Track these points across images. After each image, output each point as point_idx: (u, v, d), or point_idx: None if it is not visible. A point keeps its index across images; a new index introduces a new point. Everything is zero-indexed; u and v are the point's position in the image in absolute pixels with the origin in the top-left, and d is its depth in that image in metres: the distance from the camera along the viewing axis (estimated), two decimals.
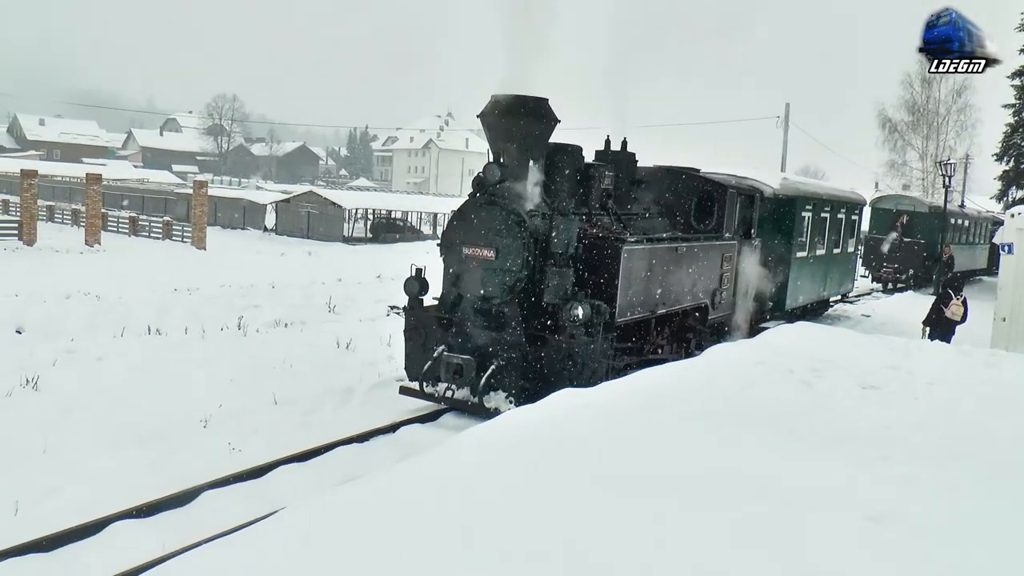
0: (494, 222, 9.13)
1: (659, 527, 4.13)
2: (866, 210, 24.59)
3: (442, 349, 9.25)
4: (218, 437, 8.03)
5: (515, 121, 9.15)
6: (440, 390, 9.12)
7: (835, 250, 18.36)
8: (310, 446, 7.86)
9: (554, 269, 8.94)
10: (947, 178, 27.55)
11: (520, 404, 7.82)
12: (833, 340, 10.20)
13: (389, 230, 45.72)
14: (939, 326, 12.90)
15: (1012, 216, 14.15)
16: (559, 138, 9.96)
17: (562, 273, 8.91)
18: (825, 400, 7.17)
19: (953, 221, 30.69)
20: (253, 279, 21.35)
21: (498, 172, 9.00)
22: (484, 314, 9.20)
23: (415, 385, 9.34)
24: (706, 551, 3.92)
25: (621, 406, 6.44)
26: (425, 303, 10.08)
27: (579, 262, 9.28)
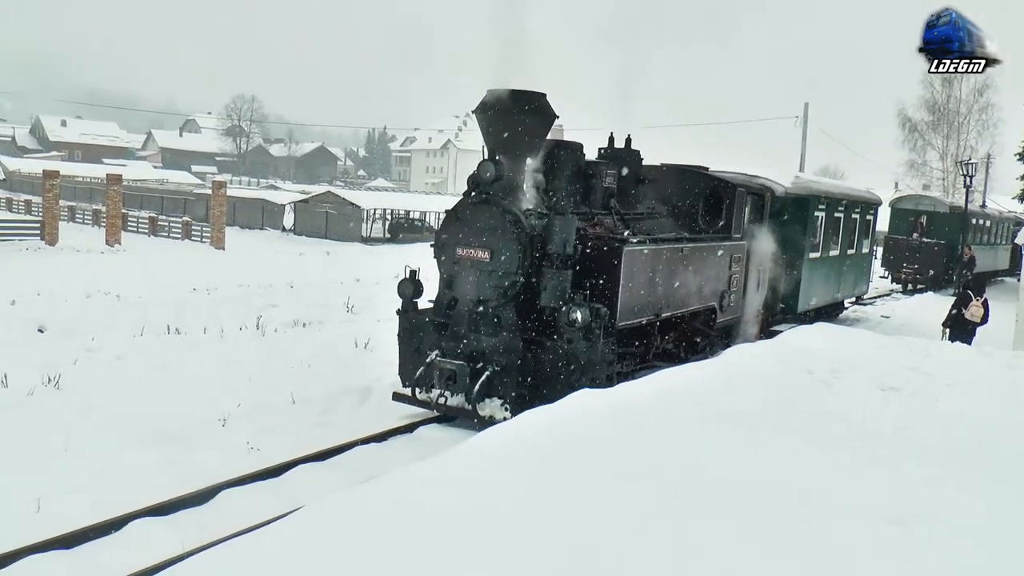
0: (489, 222, 8.72)
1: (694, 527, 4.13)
2: (885, 210, 24.28)
3: (435, 354, 8.84)
4: (236, 436, 8.08)
5: (511, 116, 8.72)
6: (433, 396, 8.75)
7: (849, 251, 17.88)
8: (328, 445, 7.88)
9: (551, 271, 8.55)
10: (968, 178, 27.33)
11: (516, 412, 7.50)
12: (852, 341, 10.14)
13: (407, 230, 45.72)
14: (958, 327, 12.79)
15: None
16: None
17: (560, 275, 8.52)
18: (843, 401, 7.13)
19: (974, 221, 30.39)
20: (271, 279, 21.42)
21: (493, 170, 8.58)
22: (479, 318, 8.75)
23: (409, 391, 8.97)
24: (724, 554, 3.91)
25: (641, 408, 6.41)
26: (420, 306, 9.64)
27: (578, 263, 8.86)
